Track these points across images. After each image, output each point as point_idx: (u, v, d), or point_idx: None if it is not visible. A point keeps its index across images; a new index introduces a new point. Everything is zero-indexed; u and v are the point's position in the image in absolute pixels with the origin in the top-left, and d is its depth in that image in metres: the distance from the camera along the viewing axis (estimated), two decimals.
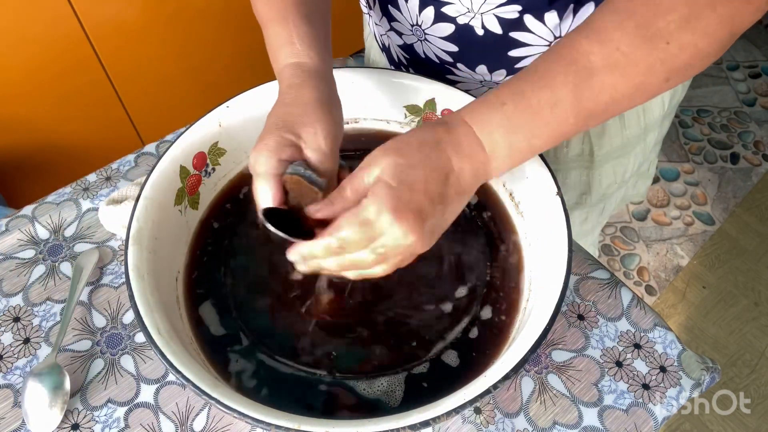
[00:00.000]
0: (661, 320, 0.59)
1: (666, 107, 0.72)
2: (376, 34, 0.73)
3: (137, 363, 0.56)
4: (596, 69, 0.41)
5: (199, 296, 0.54)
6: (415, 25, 0.61)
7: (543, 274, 0.51)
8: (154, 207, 0.52)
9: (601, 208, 0.80)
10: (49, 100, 1.28)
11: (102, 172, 0.70)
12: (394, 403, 0.49)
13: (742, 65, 2.03)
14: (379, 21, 0.67)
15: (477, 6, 0.55)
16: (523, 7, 0.54)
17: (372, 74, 0.61)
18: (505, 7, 0.55)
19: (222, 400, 0.40)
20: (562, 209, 0.50)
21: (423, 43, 0.63)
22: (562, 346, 0.57)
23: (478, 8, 0.56)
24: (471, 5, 0.56)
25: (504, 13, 0.55)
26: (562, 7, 0.54)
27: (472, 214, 0.59)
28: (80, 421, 0.53)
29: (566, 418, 0.53)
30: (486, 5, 0.55)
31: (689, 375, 0.55)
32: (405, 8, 0.61)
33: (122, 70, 1.32)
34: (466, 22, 0.58)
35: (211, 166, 0.59)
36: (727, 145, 1.83)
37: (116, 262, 0.63)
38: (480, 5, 0.55)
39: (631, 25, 0.40)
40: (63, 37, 1.20)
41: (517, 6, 0.54)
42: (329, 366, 0.51)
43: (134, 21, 1.26)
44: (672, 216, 1.68)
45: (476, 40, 0.59)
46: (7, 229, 0.65)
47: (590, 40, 0.41)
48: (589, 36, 0.41)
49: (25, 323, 0.59)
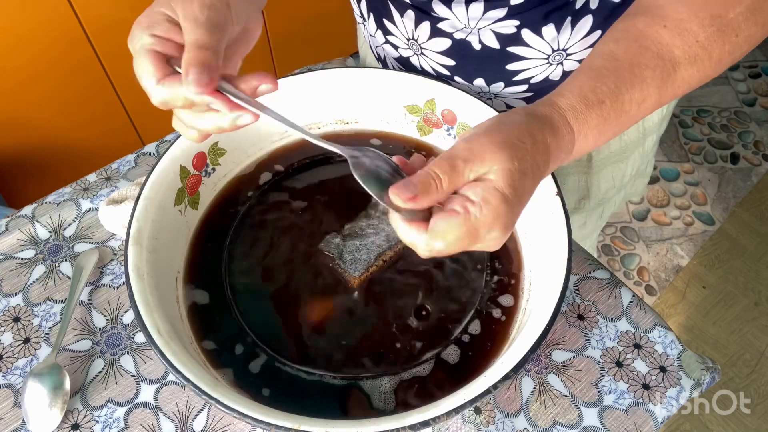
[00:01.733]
0: (661, 320, 0.59)
1: (664, 111, 0.72)
2: (371, 45, 0.73)
3: (137, 363, 0.56)
4: (679, 63, 0.40)
5: (199, 296, 0.54)
6: (411, 39, 0.61)
7: (543, 274, 0.51)
8: (154, 207, 0.52)
9: (600, 212, 0.80)
10: (48, 100, 1.28)
11: (102, 172, 0.70)
12: (394, 403, 0.49)
13: (742, 65, 2.03)
14: (373, 33, 0.66)
15: (473, 22, 0.55)
16: (521, 22, 0.54)
17: (372, 74, 0.61)
18: (502, 22, 0.54)
19: (222, 400, 0.40)
20: (562, 209, 0.50)
21: (419, 56, 0.63)
22: (562, 346, 0.57)
23: (475, 24, 0.55)
24: (467, 22, 0.55)
25: (501, 29, 0.55)
26: (559, 19, 0.54)
27: None
28: (80, 421, 0.53)
29: (566, 418, 0.53)
30: (483, 21, 0.54)
31: (689, 375, 0.55)
32: (400, 23, 0.60)
33: (122, 70, 1.32)
34: (463, 37, 0.57)
35: (211, 166, 0.59)
36: (727, 145, 1.83)
37: (116, 262, 0.63)
38: (476, 21, 0.55)
39: (707, 16, 0.39)
40: (63, 37, 1.20)
41: (514, 21, 0.54)
42: (329, 366, 0.51)
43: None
44: (672, 216, 1.68)
45: (473, 55, 0.59)
46: (7, 229, 0.65)
47: (670, 31, 0.40)
48: (667, 26, 0.40)
49: (25, 323, 0.59)
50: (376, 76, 0.61)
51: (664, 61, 0.40)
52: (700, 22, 0.39)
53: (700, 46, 0.39)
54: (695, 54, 0.40)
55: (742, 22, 0.39)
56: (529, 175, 0.36)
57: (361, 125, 0.65)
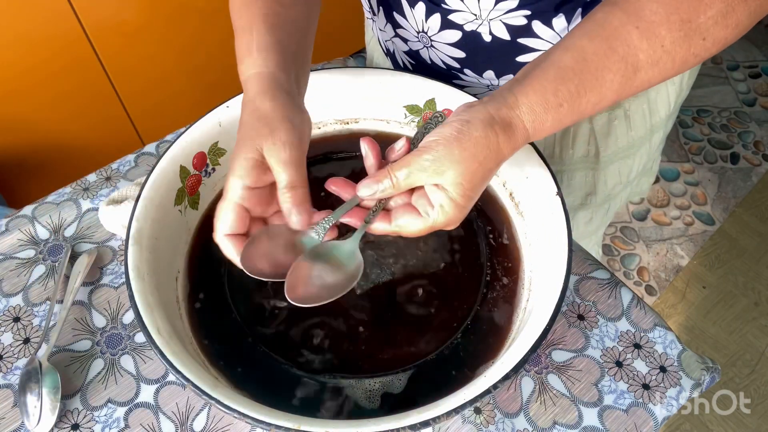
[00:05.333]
0: (661, 320, 0.59)
1: (672, 107, 0.71)
2: (380, 39, 0.73)
3: (137, 363, 0.56)
4: (641, 67, 0.42)
5: (199, 296, 0.54)
6: (421, 32, 0.61)
7: (543, 274, 0.51)
8: (154, 207, 0.52)
9: (606, 208, 0.80)
10: (48, 100, 1.28)
11: (102, 172, 0.70)
12: (394, 404, 0.49)
13: (742, 65, 2.03)
14: (383, 27, 0.66)
15: (485, 13, 0.55)
16: (531, 12, 0.54)
17: (372, 74, 0.61)
18: (513, 13, 0.54)
19: (222, 400, 0.40)
20: (562, 209, 0.50)
21: (429, 49, 0.63)
22: (562, 346, 0.57)
23: (486, 15, 0.55)
24: (479, 12, 0.55)
25: (512, 20, 0.55)
26: (570, 11, 0.54)
27: (471, 213, 0.59)
28: (80, 421, 0.53)
29: (566, 418, 0.53)
30: (494, 12, 0.54)
31: (689, 375, 0.55)
32: (411, 15, 0.60)
33: (122, 69, 1.32)
34: (474, 29, 0.57)
35: (211, 166, 0.59)
36: (727, 145, 1.83)
37: (116, 262, 0.63)
38: (488, 12, 0.55)
39: (676, 20, 0.40)
40: (62, 36, 1.20)
41: (525, 12, 0.54)
42: (330, 366, 0.51)
43: (134, 20, 1.26)
44: (672, 216, 1.68)
45: (483, 47, 0.59)
46: (7, 229, 0.65)
47: (641, 33, 0.41)
48: (640, 27, 0.41)
49: (25, 323, 0.59)
50: (376, 77, 0.61)
51: (627, 64, 0.42)
52: (670, 27, 0.41)
53: (665, 51, 0.41)
54: (659, 58, 0.41)
55: (711, 26, 0.40)
56: (480, 185, 0.43)
57: (360, 125, 0.65)
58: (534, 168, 0.53)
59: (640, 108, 0.68)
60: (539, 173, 0.53)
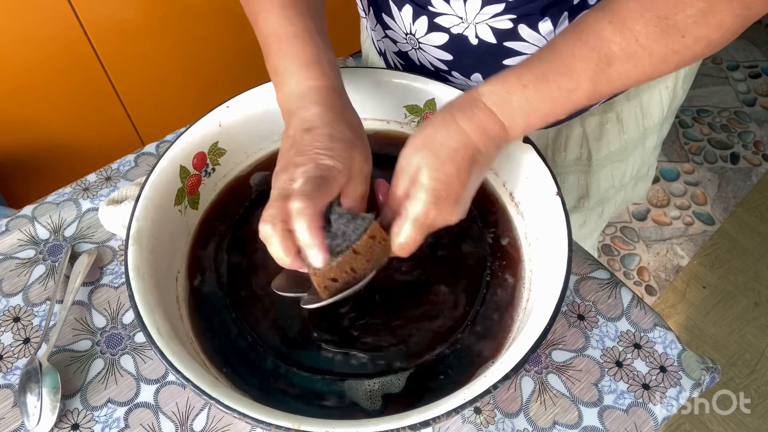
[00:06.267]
0: (661, 320, 0.59)
1: (665, 111, 0.71)
2: (373, 39, 0.73)
3: (137, 363, 0.56)
4: (615, 58, 0.42)
5: (199, 296, 0.54)
6: (409, 34, 0.61)
7: (543, 274, 0.51)
8: (154, 207, 0.52)
9: (600, 212, 0.80)
10: (49, 101, 1.28)
11: (102, 172, 0.70)
12: (394, 404, 0.49)
13: (742, 65, 2.03)
14: (374, 27, 0.67)
15: (471, 17, 0.55)
16: (517, 16, 0.54)
17: (372, 74, 0.61)
18: (499, 17, 0.54)
19: (222, 400, 0.40)
20: (562, 209, 0.50)
21: (417, 51, 0.63)
22: (562, 346, 0.57)
23: (472, 19, 0.55)
24: (465, 16, 0.55)
25: (498, 23, 0.55)
26: (556, 14, 0.54)
27: (471, 214, 0.59)
28: (80, 421, 0.53)
29: (566, 418, 0.53)
30: (480, 16, 0.55)
31: (689, 375, 0.55)
32: (398, 17, 0.60)
33: (122, 69, 1.32)
34: (460, 32, 0.57)
35: (211, 166, 0.59)
36: (727, 145, 1.83)
37: (116, 262, 0.63)
38: (474, 16, 0.55)
39: (652, 17, 0.41)
40: (62, 36, 1.20)
41: (511, 15, 0.54)
42: (330, 366, 0.51)
43: (134, 20, 1.26)
44: (672, 216, 1.68)
45: (470, 50, 0.59)
46: (7, 229, 0.65)
47: (613, 27, 0.42)
48: (613, 22, 0.42)
49: (25, 323, 0.59)
50: (376, 77, 0.61)
51: (600, 55, 0.42)
52: (645, 22, 0.41)
53: (639, 45, 0.42)
54: (633, 51, 0.42)
55: (691, 24, 0.40)
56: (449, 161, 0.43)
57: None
58: (534, 168, 0.53)
59: (632, 111, 0.69)
60: (539, 173, 0.53)
